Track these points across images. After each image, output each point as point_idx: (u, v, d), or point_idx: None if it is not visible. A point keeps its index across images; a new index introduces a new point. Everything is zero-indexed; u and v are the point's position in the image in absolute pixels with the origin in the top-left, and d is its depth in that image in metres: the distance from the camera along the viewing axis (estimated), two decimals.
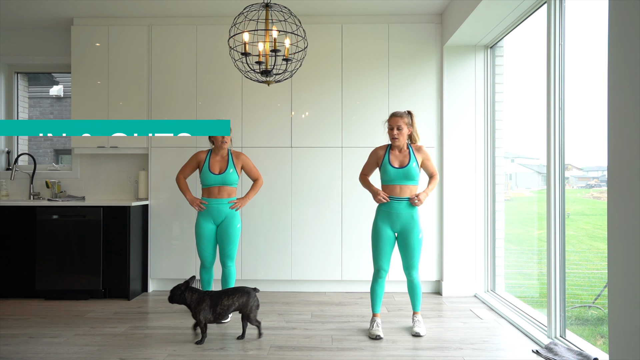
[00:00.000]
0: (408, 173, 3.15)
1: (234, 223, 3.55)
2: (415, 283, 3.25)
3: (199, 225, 3.55)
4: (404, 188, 3.17)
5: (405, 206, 3.16)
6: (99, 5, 4.18)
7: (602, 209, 2.53)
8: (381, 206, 3.22)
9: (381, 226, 3.20)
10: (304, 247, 4.36)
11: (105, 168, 4.64)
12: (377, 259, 3.23)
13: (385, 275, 3.25)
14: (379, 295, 3.27)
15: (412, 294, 3.29)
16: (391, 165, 3.17)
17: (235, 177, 3.56)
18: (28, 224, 4.07)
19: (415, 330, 3.16)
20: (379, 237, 3.20)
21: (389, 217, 3.18)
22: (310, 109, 4.39)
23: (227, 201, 3.54)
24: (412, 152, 3.21)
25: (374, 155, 3.30)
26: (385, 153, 3.23)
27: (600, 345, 2.83)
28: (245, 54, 2.90)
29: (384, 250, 3.20)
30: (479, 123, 4.26)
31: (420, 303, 3.30)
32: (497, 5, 3.30)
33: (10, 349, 2.90)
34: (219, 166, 3.55)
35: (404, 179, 3.15)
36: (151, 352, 2.84)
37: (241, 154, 3.66)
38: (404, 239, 3.19)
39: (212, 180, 3.51)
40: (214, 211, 3.52)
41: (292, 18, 3.07)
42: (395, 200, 3.17)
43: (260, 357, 2.78)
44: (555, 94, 2.97)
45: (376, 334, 3.12)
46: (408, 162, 3.17)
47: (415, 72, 4.36)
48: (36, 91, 9.38)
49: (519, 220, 4.47)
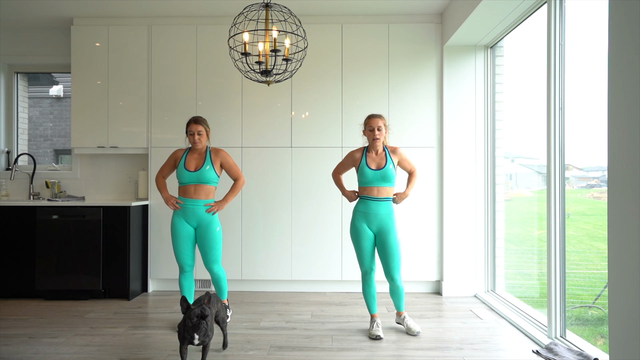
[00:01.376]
0: (385, 175, 3.19)
1: (212, 228, 3.29)
2: (399, 287, 3.22)
3: (174, 225, 3.29)
4: (381, 189, 3.21)
5: (383, 206, 3.19)
6: (99, 5, 4.18)
7: (602, 209, 2.53)
8: (358, 207, 3.25)
9: (359, 226, 3.22)
10: (303, 247, 4.36)
11: (105, 168, 4.64)
12: (362, 259, 3.24)
13: (373, 275, 3.26)
14: (372, 295, 3.27)
15: (395, 297, 3.26)
16: (368, 167, 3.21)
17: (212, 174, 3.30)
18: (28, 224, 4.07)
19: (412, 331, 3.16)
20: (359, 237, 3.21)
21: (366, 218, 3.21)
22: (310, 109, 4.39)
23: (204, 203, 3.28)
24: (388, 154, 3.26)
25: (350, 158, 3.32)
26: (362, 155, 3.27)
27: (601, 345, 2.83)
28: (245, 54, 2.90)
29: (367, 249, 3.21)
30: (479, 123, 4.26)
31: (404, 302, 3.30)
32: (497, 5, 3.30)
33: (10, 349, 2.90)
34: (195, 163, 3.31)
35: (381, 181, 3.19)
36: (151, 352, 2.84)
37: (221, 150, 3.40)
38: (382, 241, 3.19)
39: (187, 178, 3.27)
40: (189, 212, 3.27)
41: (292, 18, 3.07)
42: (373, 200, 3.20)
43: (260, 357, 2.78)
44: (555, 94, 2.97)
45: (376, 334, 3.12)
46: (385, 164, 3.21)
47: (415, 72, 4.36)
48: (36, 91, 9.39)
49: (519, 220, 4.47)
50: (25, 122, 5.05)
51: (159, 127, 4.41)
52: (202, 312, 2.39)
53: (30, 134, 8.77)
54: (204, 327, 2.40)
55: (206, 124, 3.35)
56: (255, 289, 4.42)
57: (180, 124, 4.38)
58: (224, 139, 4.34)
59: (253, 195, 4.38)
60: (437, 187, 4.34)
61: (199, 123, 3.29)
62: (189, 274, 3.34)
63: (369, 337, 3.14)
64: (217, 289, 3.41)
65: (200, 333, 2.40)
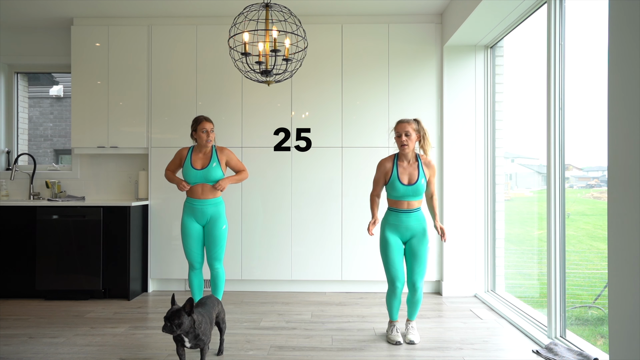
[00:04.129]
0: (417, 190, 3.04)
1: (219, 225, 3.37)
2: (419, 294, 3.11)
3: (184, 224, 3.37)
4: (411, 203, 3.07)
5: (414, 218, 3.06)
6: (99, 5, 4.18)
7: (602, 209, 2.53)
8: (389, 219, 3.10)
9: (389, 236, 3.08)
10: (303, 247, 4.36)
11: (105, 168, 4.65)
12: (390, 270, 3.08)
13: (402, 288, 3.08)
14: (395, 306, 3.14)
15: (412, 305, 3.14)
16: (400, 182, 3.04)
17: (218, 172, 3.36)
18: (28, 224, 4.07)
19: (410, 338, 3.06)
20: (388, 247, 3.07)
21: (397, 229, 3.08)
22: (310, 109, 4.39)
23: (212, 201, 3.36)
24: (420, 165, 3.08)
25: (381, 168, 3.13)
26: (393, 166, 3.08)
27: (601, 345, 2.83)
28: (245, 54, 2.90)
29: (396, 260, 3.06)
30: (479, 123, 4.26)
31: (417, 313, 3.21)
32: (497, 5, 3.30)
33: (10, 349, 2.90)
34: (201, 162, 3.37)
35: (412, 196, 3.05)
36: (151, 352, 2.84)
37: (225, 148, 3.47)
38: (413, 248, 3.07)
39: (194, 177, 3.33)
40: (198, 212, 3.35)
41: (292, 18, 3.07)
42: (403, 212, 3.07)
43: (260, 357, 2.78)
44: (555, 94, 2.97)
45: (396, 339, 3.03)
46: (417, 178, 3.04)
47: (415, 72, 4.36)
48: (36, 91, 9.39)
49: (519, 220, 4.47)
50: (26, 122, 5.05)
51: (159, 127, 4.41)
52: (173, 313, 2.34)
53: (30, 134, 8.76)
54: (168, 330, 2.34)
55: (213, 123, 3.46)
56: (255, 289, 4.42)
57: (180, 124, 4.39)
58: (224, 139, 4.34)
59: (253, 195, 4.38)
60: (437, 187, 4.33)
61: (210, 121, 3.39)
62: (198, 271, 3.42)
63: (387, 342, 3.07)
64: (214, 287, 3.42)
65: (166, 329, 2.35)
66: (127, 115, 4.41)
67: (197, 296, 3.45)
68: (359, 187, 4.32)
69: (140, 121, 4.41)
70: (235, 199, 4.35)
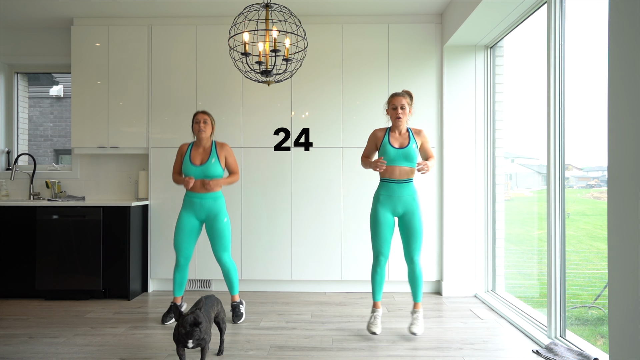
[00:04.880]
0: (408, 154, 3.12)
1: (219, 219, 3.41)
2: (418, 269, 3.17)
3: (179, 217, 3.43)
4: (402, 170, 3.13)
5: (405, 188, 3.14)
6: (99, 5, 4.18)
7: (602, 209, 2.53)
8: (380, 191, 3.19)
9: (381, 211, 3.16)
10: (304, 247, 4.36)
11: (105, 168, 4.65)
12: (376, 244, 3.18)
13: (385, 262, 3.20)
14: (379, 282, 3.23)
15: (413, 283, 3.20)
16: (391, 146, 3.14)
17: (218, 168, 3.39)
18: (28, 224, 4.07)
19: (412, 330, 3.09)
20: (378, 222, 3.16)
21: (389, 201, 3.15)
22: (310, 109, 4.39)
23: (210, 195, 3.40)
24: (411, 134, 3.20)
25: (373, 137, 3.25)
26: (385, 134, 3.20)
27: (601, 345, 2.83)
28: (245, 54, 2.90)
29: (384, 235, 3.16)
30: (479, 123, 4.26)
31: (421, 293, 3.24)
32: (497, 5, 3.30)
33: (10, 349, 2.90)
34: (200, 157, 3.41)
35: (404, 160, 3.12)
36: (151, 352, 2.84)
37: (226, 144, 3.53)
38: (407, 222, 3.15)
39: (192, 172, 3.36)
40: (197, 206, 3.39)
41: (292, 18, 3.07)
42: (396, 182, 3.14)
43: (260, 357, 2.78)
44: (555, 94, 2.97)
45: (372, 330, 3.11)
46: (408, 143, 3.16)
47: (415, 72, 4.36)
48: (36, 91, 9.39)
49: (519, 220, 4.47)
50: (26, 122, 5.05)
51: (159, 127, 4.41)
52: (196, 319, 2.36)
53: (30, 134, 8.77)
54: (197, 334, 2.37)
55: (212, 117, 3.51)
56: (255, 289, 4.42)
57: (180, 124, 4.39)
58: (223, 139, 4.33)
59: (253, 195, 4.38)
60: (437, 187, 4.34)
61: (206, 113, 3.46)
62: (184, 266, 3.46)
63: (367, 329, 3.16)
64: (228, 283, 3.50)
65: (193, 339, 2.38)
66: (127, 115, 4.41)
67: (178, 292, 3.50)
68: (359, 187, 4.32)
69: (140, 121, 4.41)
70: (235, 199, 4.35)
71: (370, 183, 4.16)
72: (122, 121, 4.41)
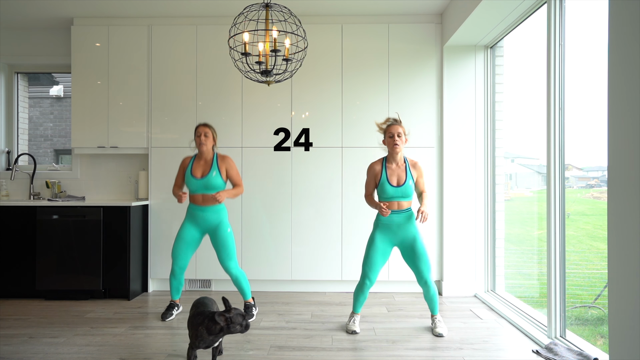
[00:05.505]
0: (405, 192, 3.17)
1: (222, 229, 3.42)
2: (432, 289, 3.24)
3: (181, 227, 3.47)
4: (401, 203, 3.20)
5: (405, 218, 3.19)
6: (99, 5, 4.18)
7: (602, 209, 2.53)
8: (380, 219, 3.22)
9: (378, 239, 3.20)
10: (304, 247, 4.36)
11: (105, 168, 4.65)
12: (366, 267, 3.22)
13: (370, 286, 3.24)
14: (361, 300, 3.30)
15: (430, 300, 3.28)
16: (389, 184, 3.17)
17: (219, 181, 3.40)
18: (28, 224, 4.07)
19: (438, 332, 3.17)
20: (373, 248, 3.20)
21: (388, 230, 3.19)
22: (310, 109, 4.39)
23: (213, 208, 3.40)
24: (408, 167, 3.22)
25: (371, 172, 3.26)
26: (382, 169, 3.21)
27: (600, 345, 2.83)
28: (245, 54, 2.90)
29: (376, 262, 3.20)
30: (479, 123, 4.26)
31: (438, 305, 3.30)
32: (497, 5, 3.30)
33: (10, 349, 2.90)
34: (201, 170, 3.42)
35: (401, 197, 3.18)
36: (151, 352, 2.84)
37: (227, 157, 3.52)
38: (410, 248, 3.19)
39: (194, 185, 3.38)
40: (199, 218, 3.41)
41: (292, 18, 3.07)
42: (395, 213, 3.17)
43: (260, 357, 2.78)
44: (555, 94, 2.97)
45: (352, 329, 3.21)
46: (405, 179, 3.18)
47: (415, 72, 4.36)
48: (36, 91, 9.39)
49: (519, 220, 4.47)
50: (26, 122, 5.06)
51: (159, 127, 4.41)
52: (241, 313, 2.43)
53: (30, 134, 8.77)
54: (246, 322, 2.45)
55: (213, 129, 3.52)
56: (255, 289, 4.42)
57: (180, 124, 4.39)
58: (224, 139, 4.34)
59: (253, 196, 4.38)
60: (437, 187, 4.34)
61: (206, 125, 3.48)
62: (178, 275, 3.51)
63: (346, 332, 3.23)
64: (239, 289, 3.56)
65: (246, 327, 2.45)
66: (127, 115, 4.41)
67: (175, 296, 3.59)
68: (359, 187, 4.32)
69: (140, 121, 4.41)
70: (235, 199, 4.34)
71: None
72: (122, 121, 4.41)
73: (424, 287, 3.24)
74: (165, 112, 4.41)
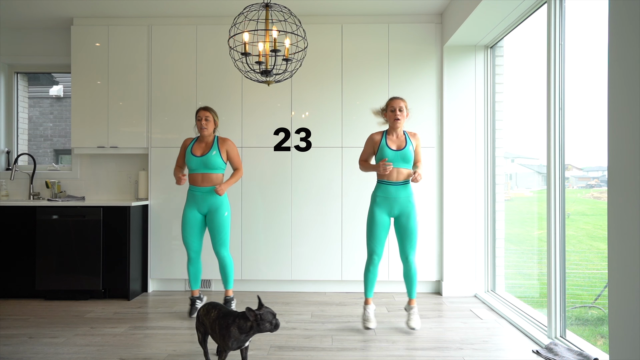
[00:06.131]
0: (405, 155, 3.22)
1: (220, 212, 3.49)
2: (412, 267, 3.30)
3: (184, 213, 3.53)
4: (400, 171, 3.24)
5: (402, 190, 3.25)
6: (99, 5, 4.18)
7: (602, 209, 2.53)
8: (378, 192, 3.28)
9: (377, 212, 3.26)
10: (304, 247, 4.36)
11: (105, 168, 4.64)
12: (371, 243, 3.28)
13: (378, 261, 3.31)
14: (371, 280, 3.33)
15: (408, 280, 3.32)
16: (389, 148, 3.24)
17: (218, 160, 3.49)
18: (28, 224, 4.07)
19: (411, 325, 3.22)
20: (374, 223, 3.26)
21: (386, 202, 3.25)
22: (310, 109, 4.39)
23: (212, 188, 3.48)
24: (407, 137, 3.31)
25: (370, 141, 3.34)
26: (382, 137, 3.29)
27: (601, 345, 2.83)
28: (245, 54, 2.90)
29: (379, 235, 3.26)
30: (479, 123, 4.26)
31: (416, 290, 3.35)
32: (497, 5, 3.30)
33: (10, 349, 2.90)
34: (201, 149, 3.51)
35: (401, 162, 3.23)
36: (151, 352, 2.84)
37: (228, 139, 3.62)
38: (403, 224, 3.26)
39: (194, 163, 3.46)
40: (199, 199, 3.49)
41: (292, 18, 3.07)
42: (393, 185, 3.24)
43: (260, 357, 2.78)
44: (555, 94, 2.97)
45: (367, 325, 3.24)
46: (405, 145, 3.25)
47: (415, 72, 4.36)
48: (36, 91, 9.39)
49: (519, 220, 4.47)
50: (25, 122, 5.05)
51: (159, 127, 4.41)
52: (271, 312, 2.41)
53: (30, 134, 8.76)
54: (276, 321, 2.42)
55: (214, 113, 3.59)
56: (255, 288, 4.42)
57: (180, 124, 4.39)
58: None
59: (253, 195, 4.38)
60: (437, 187, 4.34)
61: (207, 110, 3.54)
62: (195, 260, 3.57)
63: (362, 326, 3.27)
64: (223, 277, 3.59)
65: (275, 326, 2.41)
66: (127, 115, 4.41)
67: (194, 285, 3.60)
68: (359, 187, 4.32)
69: (140, 121, 4.41)
70: (235, 199, 4.34)
71: (370, 183, 4.16)
72: (122, 121, 4.41)
73: (405, 263, 3.29)
74: (165, 112, 4.41)
